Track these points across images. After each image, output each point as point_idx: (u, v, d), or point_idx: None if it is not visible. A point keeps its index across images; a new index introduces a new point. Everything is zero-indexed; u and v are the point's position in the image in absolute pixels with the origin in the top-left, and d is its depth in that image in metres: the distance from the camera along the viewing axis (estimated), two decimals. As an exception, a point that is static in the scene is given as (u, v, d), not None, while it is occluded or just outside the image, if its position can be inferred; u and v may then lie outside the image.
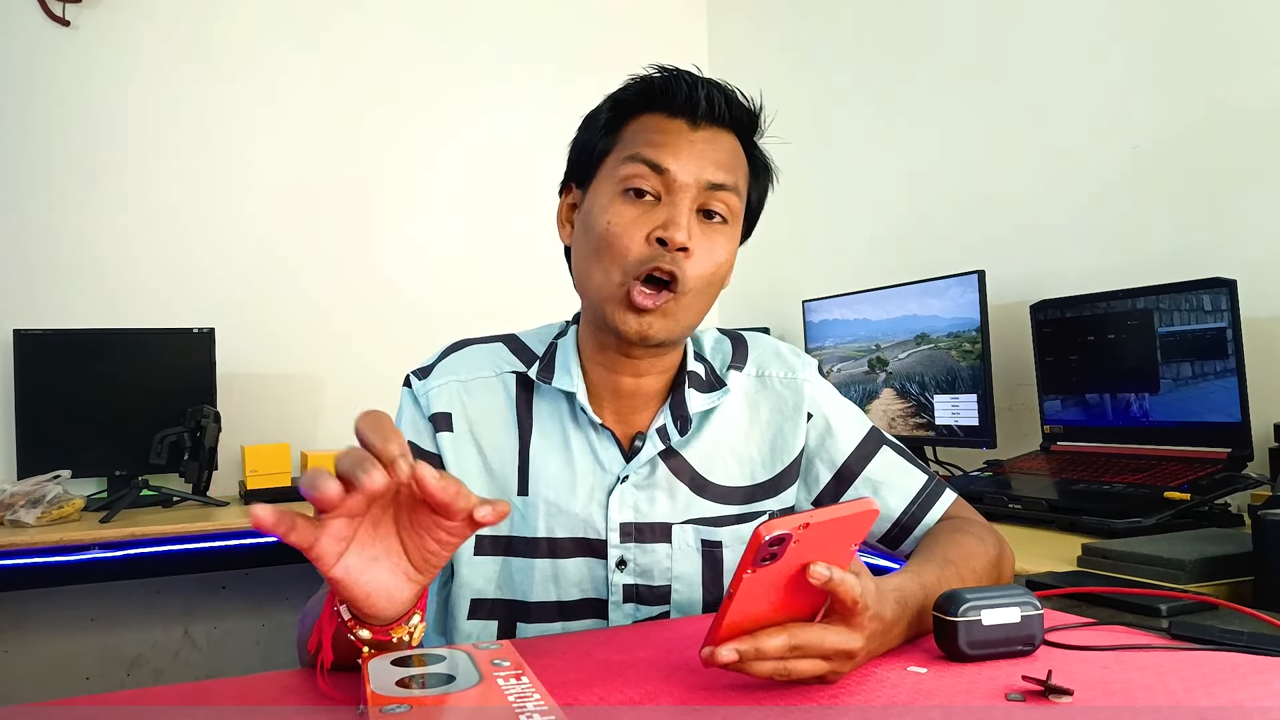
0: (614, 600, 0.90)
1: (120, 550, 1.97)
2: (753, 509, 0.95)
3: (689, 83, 0.88)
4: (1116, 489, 1.47)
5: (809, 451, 0.97)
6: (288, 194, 2.72)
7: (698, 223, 0.86)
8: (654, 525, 0.91)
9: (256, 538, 2.08)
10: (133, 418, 2.36)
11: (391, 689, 0.56)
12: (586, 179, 0.91)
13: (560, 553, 0.90)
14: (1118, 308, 1.66)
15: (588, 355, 0.93)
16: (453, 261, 2.85)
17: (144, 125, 2.58)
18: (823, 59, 2.70)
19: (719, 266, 0.88)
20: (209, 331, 2.46)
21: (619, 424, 0.93)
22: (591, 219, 0.87)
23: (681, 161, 0.85)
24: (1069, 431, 1.77)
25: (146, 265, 2.56)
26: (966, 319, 1.92)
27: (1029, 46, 2.04)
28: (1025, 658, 0.68)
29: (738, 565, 0.59)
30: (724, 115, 0.88)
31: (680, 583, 0.91)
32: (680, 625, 0.84)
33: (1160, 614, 0.83)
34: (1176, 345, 1.55)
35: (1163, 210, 1.76)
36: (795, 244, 2.85)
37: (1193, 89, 1.70)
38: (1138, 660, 0.68)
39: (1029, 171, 2.04)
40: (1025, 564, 1.21)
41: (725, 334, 1.02)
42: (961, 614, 0.67)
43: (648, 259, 0.84)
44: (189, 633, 2.58)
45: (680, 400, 0.93)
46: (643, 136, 0.87)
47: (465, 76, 2.92)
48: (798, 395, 0.97)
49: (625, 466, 0.91)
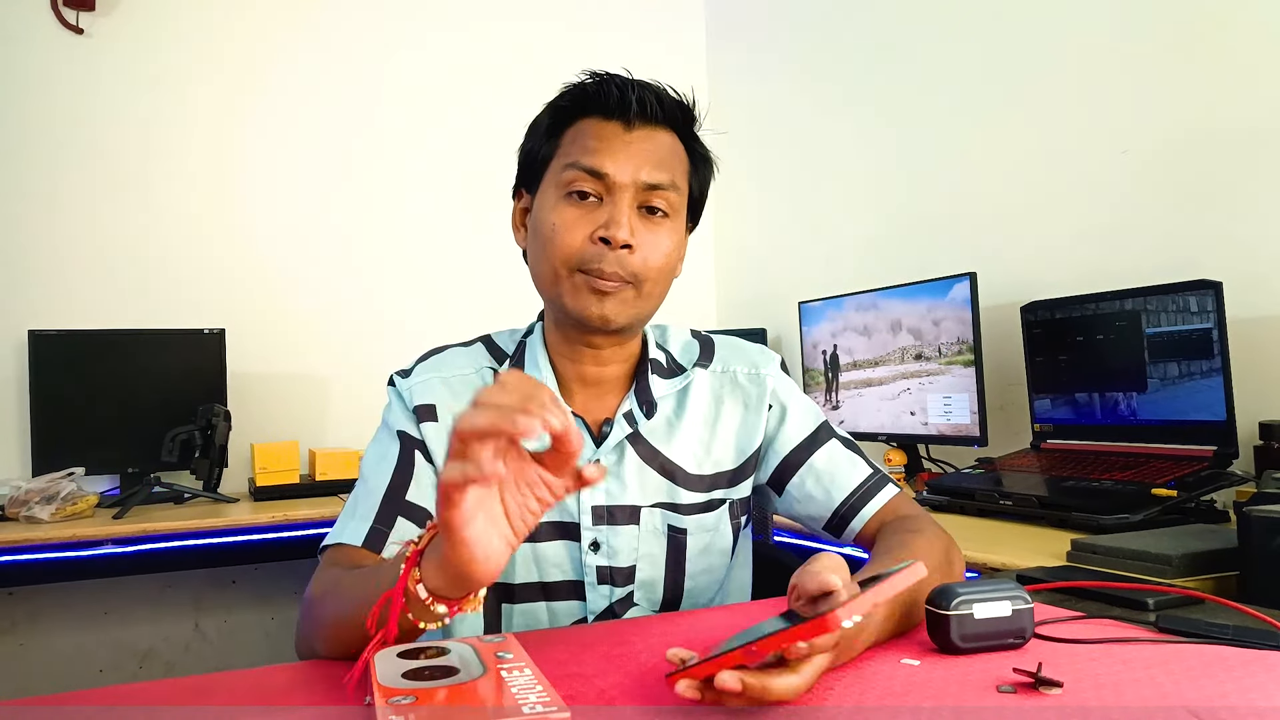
0: (589, 581, 0.92)
1: (132, 546, 1.97)
2: (716, 497, 0.97)
3: (619, 86, 0.90)
4: (1105, 486, 1.47)
5: (765, 440, 1.00)
6: (297, 197, 2.72)
7: (640, 219, 0.89)
8: (624, 508, 0.93)
9: (265, 533, 2.08)
10: (145, 416, 2.36)
11: (398, 680, 0.57)
12: (534, 184, 0.94)
13: (539, 536, 0.92)
14: (1106, 309, 1.66)
15: (554, 349, 0.96)
16: (462, 262, 2.85)
17: (156, 130, 2.58)
18: (817, 63, 2.70)
19: (666, 257, 0.90)
20: (219, 332, 2.46)
21: (587, 411, 0.96)
22: (538, 221, 0.91)
23: (618, 164, 0.88)
24: (1058, 430, 1.77)
25: (158, 268, 2.56)
26: (959, 320, 1.92)
27: (1022, 51, 2.04)
28: (1016, 650, 0.68)
29: (771, 639, 0.54)
30: (656, 114, 0.90)
31: (645, 562, 0.93)
32: (683, 618, 0.84)
33: (1148, 608, 0.83)
34: (1164, 345, 1.55)
35: (1151, 214, 1.76)
36: (791, 247, 2.85)
37: (1182, 96, 1.70)
38: (1126, 653, 0.68)
39: (1021, 175, 2.04)
40: (1015, 559, 1.22)
41: (695, 336, 1.05)
42: (954, 608, 0.67)
43: (592, 257, 0.87)
44: (199, 626, 2.58)
45: (644, 386, 0.96)
46: (580, 143, 0.89)
47: (481, 84, 2.92)
48: (761, 388, 1.00)
49: (595, 451, 0.93)
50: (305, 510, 2.11)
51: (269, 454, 2.35)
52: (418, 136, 2.86)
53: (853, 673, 0.65)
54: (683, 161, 0.93)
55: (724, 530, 0.98)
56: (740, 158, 3.00)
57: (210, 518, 2.06)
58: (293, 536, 2.08)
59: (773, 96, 2.92)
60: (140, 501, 2.16)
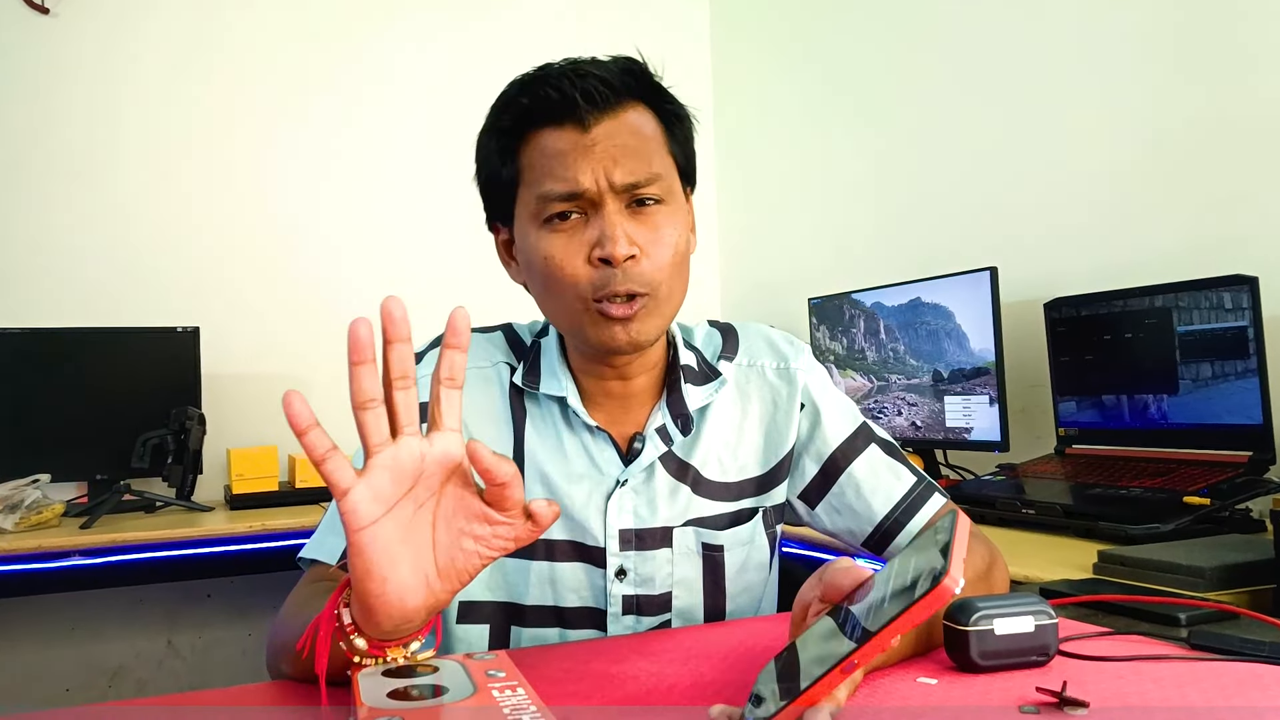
0: (613, 612, 0.89)
1: (101, 557, 1.97)
2: (746, 506, 0.95)
3: (555, 86, 0.84)
4: (1134, 493, 1.47)
5: (800, 443, 0.97)
6: (275, 189, 2.72)
7: (632, 218, 0.84)
8: (654, 531, 0.90)
9: (242, 544, 2.08)
10: (114, 420, 2.36)
11: (383, 700, 0.56)
12: (507, 216, 0.90)
13: (558, 555, 0.89)
14: (1135, 306, 1.65)
15: (575, 363, 0.93)
16: (451, 257, 2.85)
17: (126, 118, 2.57)
18: (829, 48, 2.70)
19: (675, 248, 0.86)
20: (193, 330, 2.46)
21: (614, 425, 0.92)
22: (529, 258, 0.87)
23: (588, 174, 0.82)
24: (1084, 434, 1.77)
25: (129, 262, 2.56)
26: (978, 317, 1.92)
27: (1041, 34, 2.04)
28: (1039, 668, 0.68)
29: (885, 632, 0.52)
30: (608, 98, 0.84)
31: (681, 588, 0.91)
32: (681, 635, 0.84)
33: (1179, 623, 0.83)
34: (1196, 345, 1.55)
35: (1182, 204, 1.75)
36: (799, 239, 2.85)
37: (1212, 78, 1.70)
38: (1155, 671, 0.68)
39: (1043, 164, 2.04)
40: (1039, 571, 1.21)
41: (715, 326, 1.02)
42: (973, 623, 0.67)
43: (600, 283, 0.83)
44: (173, 642, 2.58)
45: (678, 398, 0.92)
46: (541, 165, 0.84)
47: (467, 72, 2.92)
48: (791, 385, 0.97)
49: (624, 470, 0.90)
50: (284, 520, 2.11)
51: (246, 460, 2.35)
52: (401, 130, 2.86)
53: (866, 692, 0.64)
54: (657, 134, 0.87)
55: (759, 543, 0.95)
56: (746, 143, 3.00)
57: (184, 527, 2.05)
58: (271, 547, 2.07)
59: (780, 78, 2.92)
60: (109, 510, 2.15)
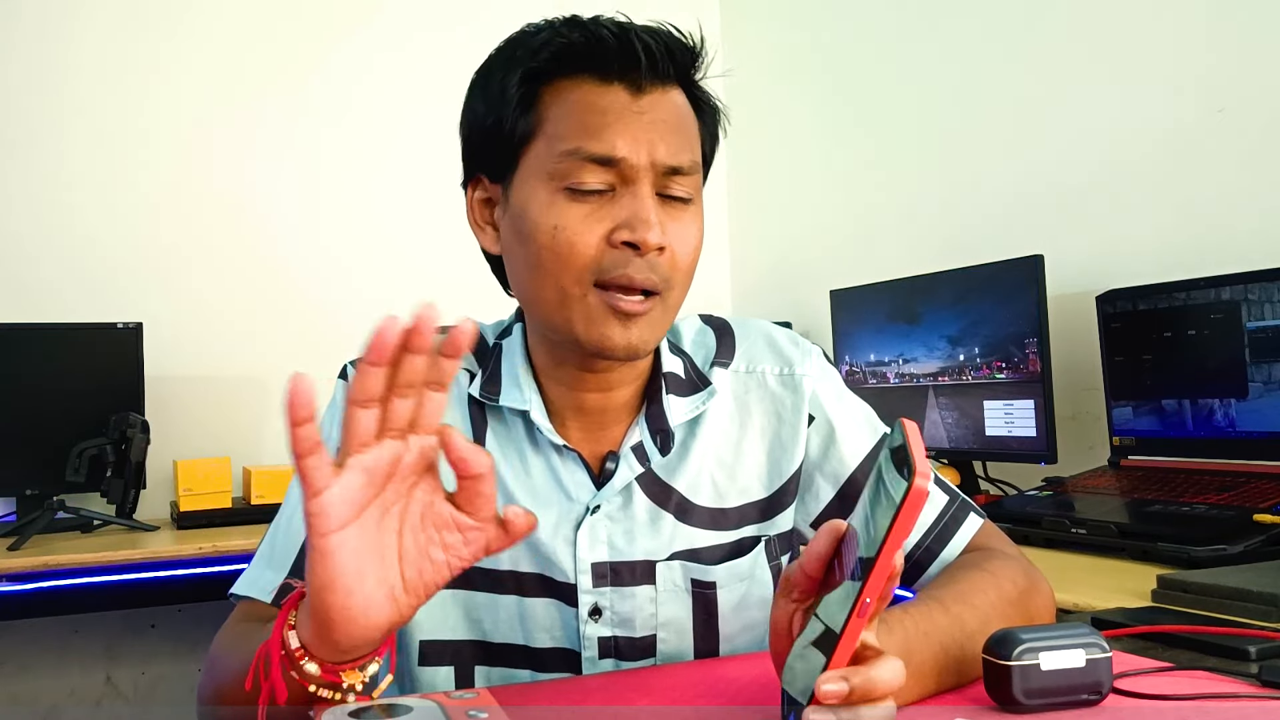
0: (588, 656, 0.87)
1: (32, 583, 1.97)
2: (747, 535, 0.92)
3: (616, 34, 0.80)
4: (1197, 511, 1.46)
5: (810, 462, 0.93)
6: (229, 173, 2.72)
7: (662, 208, 0.82)
8: (634, 565, 0.87)
9: (190, 568, 2.08)
10: (46, 428, 2.36)
11: (346, 745, 0.56)
12: (504, 170, 0.85)
13: (528, 590, 0.87)
14: (1199, 299, 1.65)
15: (542, 369, 0.89)
16: (420, 251, 2.85)
17: (57, 94, 2.57)
18: (853, 18, 2.70)
19: (696, 252, 0.84)
20: (135, 327, 2.46)
21: (586, 443, 0.90)
22: (527, 225, 0.82)
23: (633, 144, 0.79)
24: (1142, 444, 1.76)
25: (61, 252, 2.56)
26: (1021, 312, 1.92)
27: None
28: (1091, 708, 0.68)
29: (889, 542, 0.55)
30: (668, 70, 0.82)
31: (667, 630, 0.88)
32: (674, 672, 0.83)
33: (1249, 657, 0.83)
34: (1267, 343, 1.55)
35: (1251, 185, 1.75)
36: (821, 227, 2.85)
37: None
38: (1222, 711, 0.68)
39: (1095, 139, 2.03)
40: (1091, 599, 1.21)
41: (709, 323, 0.98)
42: (1016, 657, 0.67)
43: (612, 265, 0.79)
44: (112, 679, 2.57)
45: (658, 411, 0.90)
46: (576, 118, 0.80)
47: (430, 63, 2.89)
48: (797, 395, 0.93)
49: (596, 494, 0.88)
50: (238, 540, 2.11)
51: (195, 473, 2.34)
52: (367, 109, 2.86)
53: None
54: (694, 124, 0.86)
55: (761, 576, 0.92)
56: (761, 116, 3.00)
57: (125, 549, 2.05)
58: (223, 571, 2.07)
59: (800, 44, 2.91)
60: (41, 530, 2.15)
